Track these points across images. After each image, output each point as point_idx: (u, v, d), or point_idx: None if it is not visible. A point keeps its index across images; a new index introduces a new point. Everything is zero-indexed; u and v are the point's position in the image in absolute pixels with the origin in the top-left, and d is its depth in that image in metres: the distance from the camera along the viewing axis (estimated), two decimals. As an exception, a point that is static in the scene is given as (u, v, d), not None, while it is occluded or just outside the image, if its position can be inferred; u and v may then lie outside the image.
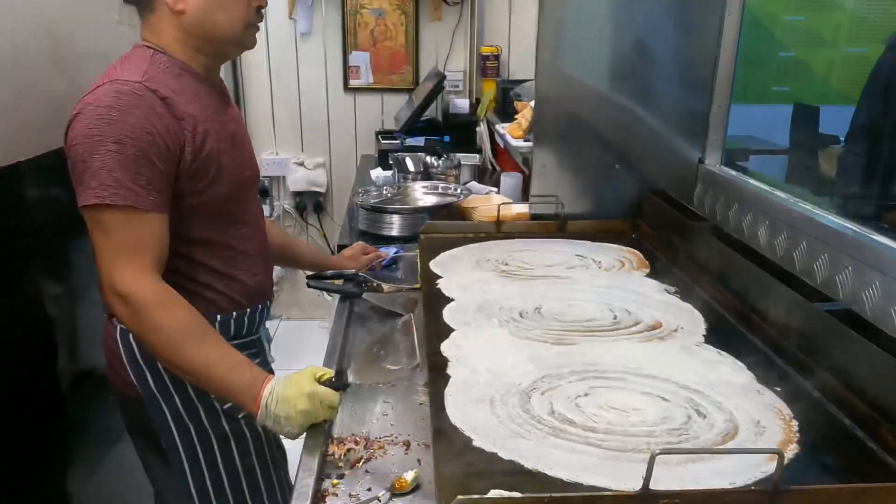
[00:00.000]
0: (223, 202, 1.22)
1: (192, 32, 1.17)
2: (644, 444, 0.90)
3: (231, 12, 1.17)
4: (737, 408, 1.00)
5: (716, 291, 1.41)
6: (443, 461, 0.87)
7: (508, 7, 3.42)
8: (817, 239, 1.30)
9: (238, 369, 1.07)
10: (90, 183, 1.05)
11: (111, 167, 1.04)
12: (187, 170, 1.14)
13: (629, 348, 1.20)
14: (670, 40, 1.85)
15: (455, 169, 2.33)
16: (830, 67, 5.25)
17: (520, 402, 1.01)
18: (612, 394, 1.03)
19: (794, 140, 4.34)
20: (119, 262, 1.07)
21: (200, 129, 1.15)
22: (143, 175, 1.07)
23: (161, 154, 1.09)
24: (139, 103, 1.07)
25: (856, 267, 1.18)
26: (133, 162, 1.05)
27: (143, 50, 1.17)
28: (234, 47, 1.25)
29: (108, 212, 1.05)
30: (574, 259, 1.65)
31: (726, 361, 1.15)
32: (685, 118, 1.88)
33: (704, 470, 0.85)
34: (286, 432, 1.03)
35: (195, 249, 1.21)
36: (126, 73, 1.10)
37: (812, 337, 1.12)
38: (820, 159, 4.02)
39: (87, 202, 1.06)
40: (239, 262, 1.28)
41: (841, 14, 5.00)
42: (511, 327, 1.27)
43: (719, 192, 1.76)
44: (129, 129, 1.05)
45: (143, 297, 1.07)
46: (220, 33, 1.18)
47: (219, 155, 1.19)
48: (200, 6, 1.15)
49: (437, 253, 1.69)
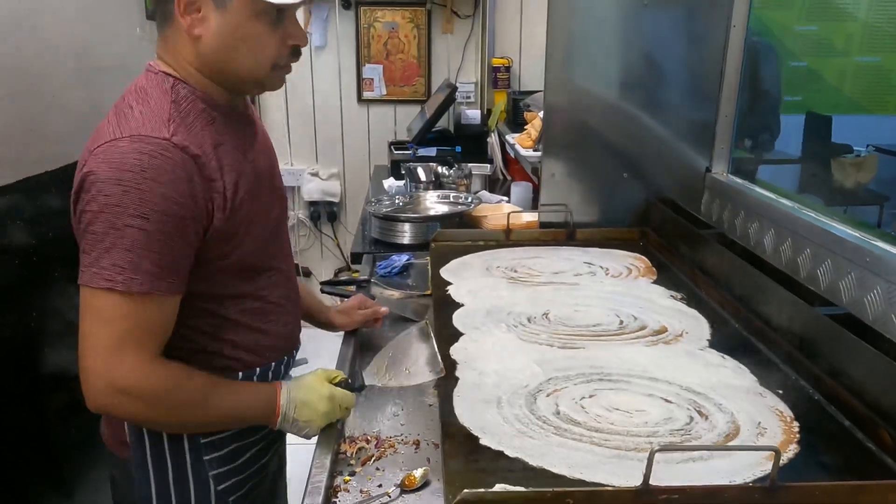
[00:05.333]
0: (250, 255, 1.06)
1: (207, 62, 0.98)
2: (646, 444, 0.93)
3: (258, 49, 0.97)
4: (738, 409, 1.02)
5: (721, 297, 1.43)
6: (451, 458, 0.90)
7: (519, 19, 3.47)
8: (821, 246, 1.32)
9: (254, 401, 1.04)
10: (101, 260, 0.89)
11: (129, 245, 0.88)
12: (214, 234, 0.98)
13: (634, 352, 1.22)
14: (678, 52, 1.88)
15: (466, 178, 2.37)
16: (843, 77, 5.24)
17: (526, 403, 1.04)
18: (616, 395, 1.06)
19: (807, 149, 4.34)
20: (121, 354, 0.91)
21: (230, 185, 0.98)
22: (168, 255, 0.91)
23: (188, 228, 0.93)
24: (167, 167, 0.90)
25: (858, 273, 1.20)
26: (156, 240, 0.90)
27: (161, 79, 0.98)
28: (254, 87, 1.05)
29: (117, 297, 0.89)
30: (582, 266, 1.68)
31: (729, 365, 1.17)
32: (692, 128, 1.90)
33: (705, 469, 0.87)
34: (304, 434, 1.05)
35: (222, 305, 1.05)
36: (148, 122, 0.92)
37: (814, 341, 1.14)
38: (833, 168, 4.01)
39: (95, 284, 0.89)
40: (269, 312, 1.12)
41: (852, 23, 4.99)
42: (519, 331, 1.30)
43: (726, 200, 1.78)
44: (155, 202, 0.89)
45: (156, 388, 0.94)
46: (241, 72, 0.99)
47: (250, 207, 1.02)
48: (220, 36, 0.96)
49: (447, 260, 1.72)
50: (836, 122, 4.54)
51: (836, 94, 5.18)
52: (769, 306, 1.30)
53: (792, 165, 3.69)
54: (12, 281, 1.54)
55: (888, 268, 1.12)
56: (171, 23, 0.97)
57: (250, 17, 0.94)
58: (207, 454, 1.08)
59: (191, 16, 0.94)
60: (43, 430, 1.70)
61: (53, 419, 1.70)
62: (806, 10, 4.43)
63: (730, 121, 1.87)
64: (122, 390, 0.92)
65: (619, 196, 1.95)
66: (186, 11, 0.94)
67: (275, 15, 0.96)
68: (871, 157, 4.39)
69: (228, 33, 0.95)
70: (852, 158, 4.18)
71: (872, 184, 3.91)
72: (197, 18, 0.94)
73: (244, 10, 0.94)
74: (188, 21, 0.95)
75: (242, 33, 0.95)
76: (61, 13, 1.58)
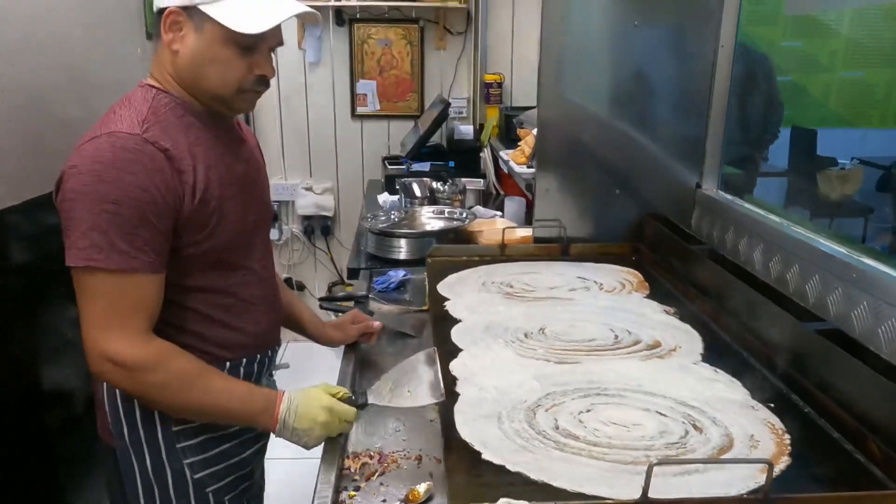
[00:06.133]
0: (223, 250, 1.15)
1: (182, 76, 1.11)
2: (643, 457, 0.96)
3: (225, 71, 1.09)
4: (732, 423, 1.05)
5: (713, 312, 1.46)
6: (454, 473, 0.92)
7: (511, 36, 3.53)
8: (809, 262, 1.35)
9: (248, 399, 1.10)
10: (80, 242, 0.99)
11: (105, 228, 0.99)
12: (186, 223, 1.08)
13: (630, 366, 1.25)
14: (668, 70, 1.92)
15: (460, 194, 2.40)
16: (827, 91, 5.35)
17: (526, 417, 1.06)
18: (613, 410, 1.09)
19: (793, 162, 4.42)
20: (110, 327, 1.01)
21: (201, 178, 1.09)
22: (140, 236, 1.01)
23: (159, 213, 1.03)
24: (137, 159, 1.01)
25: (845, 289, 1.23)
26: (128, 223, 1.00)
27: (145, 90, 1.11)
28: (218, 104, 1.15)
29: (99, 275, 1.00)
30: (576, 281, 1.71)
31: (722, 379, 1.20)
32: (683, 144, 1.94)
33: (700, 481, 0.90)
34: (304, 443, 1.09)
35: (190, 297, 1.14)
36: (125, 122, 1.04)
37: (803, 355, 1.17)
38: (819, 181, 4.09)
39: (77, 263, 1.00)
40: (240, 310, 1.20)
41: (836, 40, 5.11)
42: (516, 347, 1.33)
43: (716, 216, 1.81)
44: (126, 189, 0.99)
45: (140, 361, 1.03)
46: (210, 88, 1.11)
47: (221, 203, 1.12)
48: (193, 54, 1.08)
49: (444, 275, 1.75)
50: (821, 135, 4.63)
51: (821, 108, 5.28)
52: (760, 321, 1.34)
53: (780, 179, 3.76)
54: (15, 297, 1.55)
55: (874, 283, 1.15)
56: (161, 38, 1.10)
57: (221, 41, 1.07)
58: (180, 442, 1.16)
59: (173, 33, 1.08)
60: (44, 444, 1.70)
61: (53, 433, 1.70)
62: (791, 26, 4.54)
63: (719, 137, 1.91)
64: (109, 359, 1.02)
65: (612, 211, 1.99)
66: (170, 29, 1.08)
67: (244, 45, 1.08)
68: (856, 170, 4.47)
69: (200, 53, 1.08)
70: (837, 171, 4.27)
71: (857, 196, 3.99)
72: (178, 36, 1.08)
73: (215, 35, 1.07)
74: (170, 37, 1.08)
75: (212, 55, 1.08)
76: (68, 35, 1.60)
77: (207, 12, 1.05)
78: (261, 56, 1.11)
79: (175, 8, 1.06)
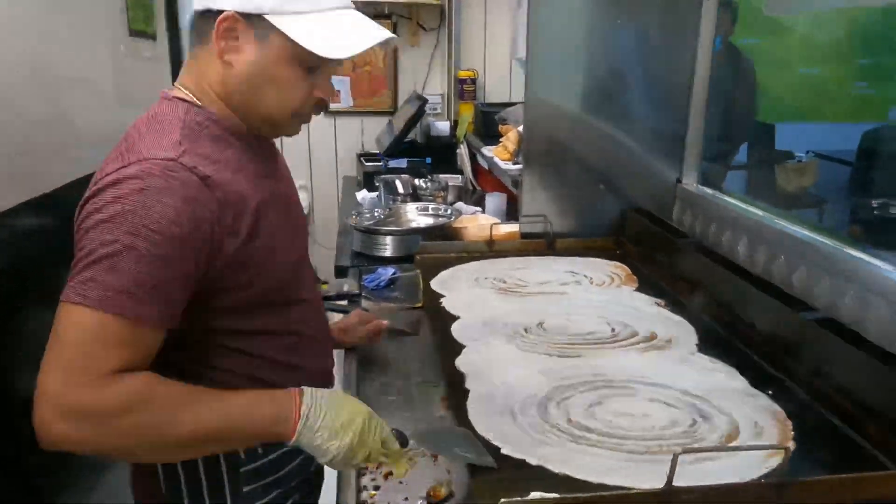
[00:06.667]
0: (278, 287, 1.00)
1: (231, 91, 0.94)
2: (657, 447, 0.98)
3: (285, 92, 0.94)
4: (736, 411, 1.08)
5: (702, 303, 1.51)
6: (475, 470, 0.93)
7: (484, 32, 3.54)
8: (795, 253, 1.41)
9: (257, 406, 0.90)
10: (80, 275, 0.81)
11: (113, 263, 0.81)
12: (231, 261, 0.90)
13: (630, 358, 1.28)
14: (649, 68, 1.96)
15: (443, 190, 2.41)
16: (785, 87, 5.54)
17: (538, 412, 1.08)
18: (622, 401, 1.11)
19: (752, 156, 4.58)
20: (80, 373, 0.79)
21: (250, 209, 0.92)
22: (154, 279, 0.82)
23: (187, 254, 0.85)
24: (169, 186, 0.84)
25: (832, 279, 1.28)
26: (145, 262, 0.81)
27: (173, 105, 0.94)
28: (268, 128, 1.00)
29: (86, 313, 0.79)
30: (566, 276, 1.74)
31: (720, 368, 1.24)
32: (663, 140, 1.99)
33: (713, 469, 0.93)
34: (329, 450, 0.90)
35: (253, 344, 0.98)
36: (157, 145, 0.87)
37: (798, 343, 1.22)
38: (777, 174, 4.24)
39: (65, 298, 0.81)
40: (304, 347, 1.05)
41: (791, 37, 5.29)
42: (518, 342, 1.34)
43: (697, 210, 1.86)
44: (151, 220, 0.82)
45: (111, 404, 0.80)
46: (262, 110, 0.96)
47: (272, 234, 0.96)
48: (251, 70, 0.93)
49: (435, 273, 1.76)
50: (779, 130, 4.81)
51: (778, 103, 5.47)
52: (751, 311, 1.38)
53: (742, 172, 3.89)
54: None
55: (860, 273, 1.20)
56: (206, 44, 0.93)
57: (286, 59, 0.92)
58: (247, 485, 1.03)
59: (227, 41, 0.91)
60: (18, 455, 1.65)
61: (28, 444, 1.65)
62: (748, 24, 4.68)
63: (699, 133, 1.96)
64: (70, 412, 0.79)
65: (595, 207, 2.03)
66: (224, 36, 0.91)
67: (310, 65, 0.94)
68: (811, 163, 4.65)
69: (259, 69, 0.92)
70: (794, 164, 4.43)
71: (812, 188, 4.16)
72: (233, 45, 0.92)
73: (281, 52, 0.91)
74: (222, 46, 0.91)
75: (273, 73, 0.93)
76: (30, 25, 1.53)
77: (277, 25, 0.90)
78: (322, 78, 0.97)
79: (234, 13, 0.89)
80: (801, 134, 5.47)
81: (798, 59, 5.83)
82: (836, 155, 4.94)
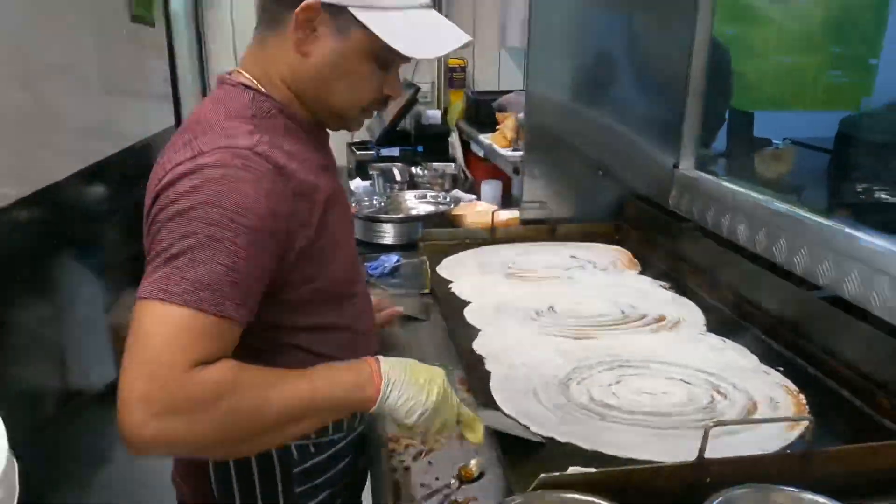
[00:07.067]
0: (340, 280, 0.99)
1: (303, 82, 0.93)
2: (680, 422, 1.01)
3: (359, 86, 0.94)
4: (751, 387, 1.12)
5: (706, 285, 1.54)
6: (508, 447, 0.95)
7: (472, 21, 3.54)
8: (796, 234, 1.44)
9: (338, 375, 0.88)
10: (158, 270, 0.78)
11: (194, 257, 0.78)
12: (302, 255, 0.89)
13: (643, 339, 1.31)
14: (645, 57, 1.99)
15: (440, 178, 2.42)
16: (762, 76, 5.65)
17: (561, 391, 1.10)
18: (640, 380, 1.14)
19: (731, 144, 4.67)
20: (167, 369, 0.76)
21: (319, 200, 0.91)
22: (237, 273, 0.80)
23: (266, 247, 0.84)
24: (249, 177, 0.82)
25: (834, 259, 1.32)
26: (228, 254, 0.79)
27: (239, 91, 0.92)
28: (334, 121, 0.99)
29: (170, 310, 0.76)
30: (570, 261, 1.77)
31: (731, 347, 1.28)
32: (661, 126, 2.02)
33: (735, 442, 0.96)
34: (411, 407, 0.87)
35: (313, 341, 0.96)
36: (231, 134, 0.85)
37: (805, 321, 1.26)
38: (756, 161, 4.34)
39: (145, 295, 0.77)
40: (358, 344, 1.02)
41: (768, 26, 5.39)
42: (532, 325, 1.37)
43: (696, 195, 1.90)
44: (233, 212, 0.79)
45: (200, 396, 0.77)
46: (334, 103, 0.95)
47: (336, 226, 0.96)
48: (328, 62, 0.91)
49: (439, 259, 1.77)
50: (757, 117, 4.90)
51: (756, 91, 5.57)
52: (755, 291, 1.42)
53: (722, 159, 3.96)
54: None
55: (863, 253, 1.25)
56: (279, 30, 0.91)
57: (364, 54, 0.91)
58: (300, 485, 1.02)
59: (305, 31, 0.89)
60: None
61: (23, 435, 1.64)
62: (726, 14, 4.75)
63: (696, 119, 2.00)
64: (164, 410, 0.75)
65: (595, 193, 2.06)
66: (302, 25, 0.89)
67: (384, 61, 0.93)
68: (788, 150, 4.76)
69: (336, 62, 0.91)
70: (772, 151, 4.53)
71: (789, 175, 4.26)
72: (311, 36, 0.90)
73: (361, 46, 0.90)
74: (300, 35, 0.89)
75: (349, 67, 0.91)
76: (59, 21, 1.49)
77: (362, 19, 0.88)
78: (393, 73, 0.96)
79: (318, 3, 0.87)
80: (779, 122, 5.60)
81: (774, 48, 5.96)
82: (812, 142, 5.07)
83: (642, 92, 2.02)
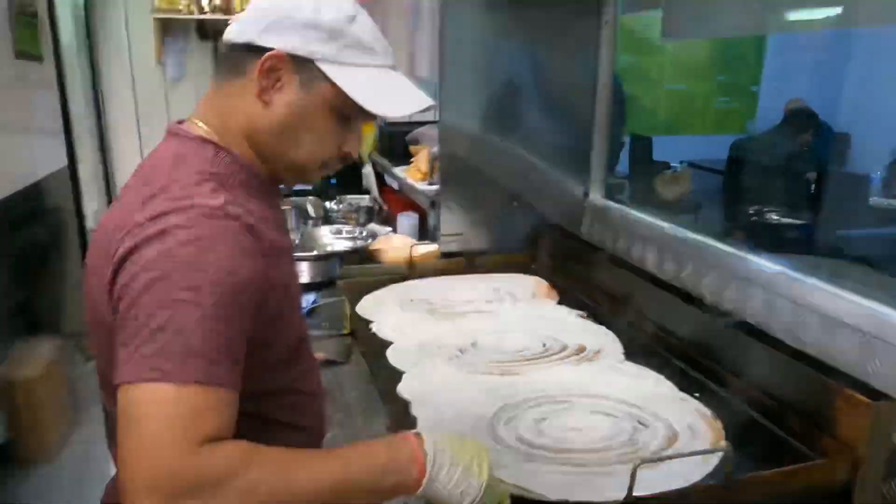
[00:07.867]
0: (292, 341, 0.94)
1: (261, 133, 0.89)
2: (606, 459, 1.02)
3: (319, 142, 0.90)
4: (670, 416, 1.15)
5: (621, 312, 1.59)
6: (437, 497, 0.93)
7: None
8: (701, 261, 1.51)
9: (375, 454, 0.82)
10: (143, 347, 0.72)
11: (180, 326, 0.72)
12: (268, 318, 0.84)
13: (565, 372, 1.32)
14: (553, 88, 2.06)
15: (355, 212, 2.38)
16: (657, 102, 6.00)
17: (489, 432, 1.09)
18: (566, 416, 1.15)
19: (632, 167, 4.92)
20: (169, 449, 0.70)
21: (285, 260, 0.91)
22: (222, 337, 0.75)
23: (245, 307, 0.79)
24: (221, 236, 0.78)
25: (737, 284, 1.39)
26: (212, 319, 0.74)
27: (199, 145, 0.87)
28: (292, 175, 0.95)
29: (164, 388, 0.71)
30: (491, 293, 1.77)
31: (648, 375, 1.31)
32: (570, 157, 2.08)
33: (658, 474, 0.97)
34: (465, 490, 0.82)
35: (262, 405, 0.89)
36: (196, 193, 0.80)
37: (716, 346, 1.31)
38: (656, 183, 4.58)
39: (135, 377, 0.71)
40: (306, 406, 0.99)
41: (661, 56, 5.75)
42: (456, 363, 1.35)
43: (606, 224, 1.97)
44: (210, 273, 0.75)
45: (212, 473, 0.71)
46: (293, 157, 0.91)
47: (290, 286, 0.94)
48: (291, 114, 0.88)
49: (358, 298, 1.73)
50: (655, 142, 5.20)
51: (652, 117, 5.91)
52: (668, 317, 1.47)
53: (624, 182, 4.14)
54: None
55: (761, 276, 1.31)
56: (240, 78, 0.88)
57: (327, 108, 0.88)
58: None
59: (268, 80, 0.86)
60: None
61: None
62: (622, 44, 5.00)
63: (603, 149, 2.08)
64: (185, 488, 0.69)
65: (511, 223, 2.09)
66: (266, 75, 0.86)
67: (345, 116, 0.90)
68: (685, 172, 5.06)
69: (298, 114, 0.88)
70: (671, 174, 4.80)
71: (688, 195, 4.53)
72: (275, 86, 0.87)
73: (324, 100, 0.87)
74: (263, 83, 0.86)
75: (310, 120, 0.88)
76: None
77: (328, 73, 0.86)
78: (354, 131, 0.93)
79: (285, 54, 0.85)
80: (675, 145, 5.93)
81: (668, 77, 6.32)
82: (706, 164, 5.41)
83: (551, 122, 2.07)
